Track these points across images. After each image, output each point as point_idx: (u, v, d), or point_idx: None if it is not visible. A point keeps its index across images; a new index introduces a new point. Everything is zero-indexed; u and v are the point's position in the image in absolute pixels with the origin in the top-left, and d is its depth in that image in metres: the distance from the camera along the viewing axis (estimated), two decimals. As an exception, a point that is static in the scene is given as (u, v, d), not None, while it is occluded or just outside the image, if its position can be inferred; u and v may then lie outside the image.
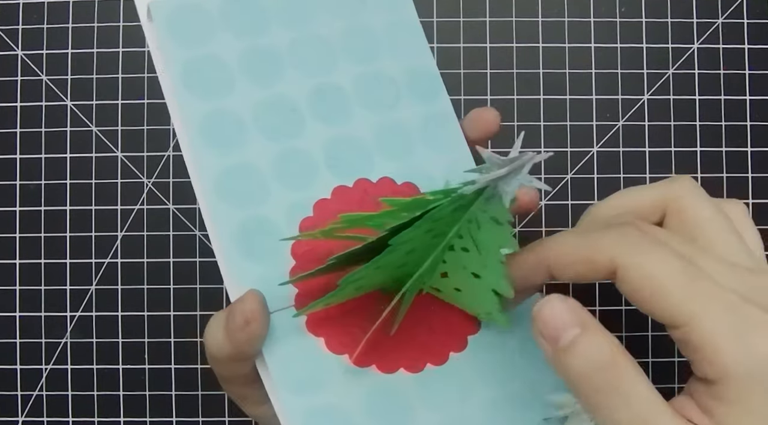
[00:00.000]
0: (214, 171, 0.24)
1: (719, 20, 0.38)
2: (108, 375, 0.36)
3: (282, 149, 0.25)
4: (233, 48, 0.26)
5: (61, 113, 0.37)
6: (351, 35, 0.27)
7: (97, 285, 0.37)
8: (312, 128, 0.26)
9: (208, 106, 0.25)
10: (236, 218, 0.24)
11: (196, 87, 0.25)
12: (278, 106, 0.26)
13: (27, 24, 0.37)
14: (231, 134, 0.25)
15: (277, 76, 0.26)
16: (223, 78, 0.25)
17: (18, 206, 0.37)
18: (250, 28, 0.26)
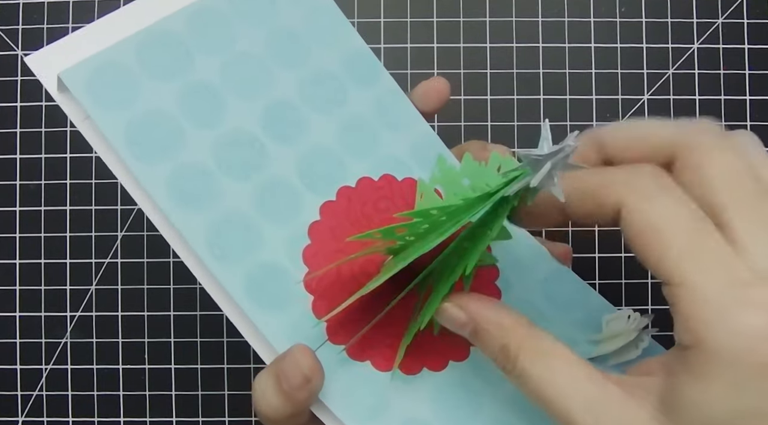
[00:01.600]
0: (200, 232, 0.23)
1: (719, 20, 0.38)
2: (108, 375, 0.36)
3: (256, 185, 0.24)
4: (167, 95, 0.23)
5: (61, 112, 0.37)
6: (275, 42, 0.26)
7: (97, 285, 0.37)
8: (276, 153, 0.24)
9: (168, 166, 0.23)
10: (240, 274, 0.23)
11: (146, 151, 0.23)
12: (237, 141, 0.24)
13: (27, 24, 0.37)
14: (200, 188, 0.23)
15: (223, 109, 0.24)
16: (170, 131, 0.23)
17: (18, 206, 0.37)
18: (175, 69, 0.24)
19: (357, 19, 0.37)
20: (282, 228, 0.24)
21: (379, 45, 0.37)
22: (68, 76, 0.22)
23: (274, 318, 0.23)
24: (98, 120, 0.22)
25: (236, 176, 0.24)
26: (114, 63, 0.23)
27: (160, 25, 0.24)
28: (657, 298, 0.37)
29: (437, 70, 0.37)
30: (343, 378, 0.23)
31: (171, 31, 0.24)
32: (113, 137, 0.22)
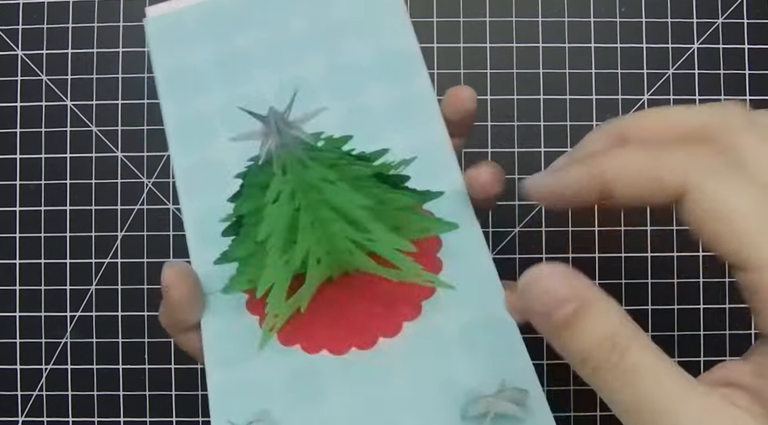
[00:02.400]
0: (184, 169, 0.27)
1: (719, 20, 0.38)
2: (108, 375, 0.36)
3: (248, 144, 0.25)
4: (207, 54, 0.28)
5: (61, 113, 0.37)
6: (320, 26, 0.28)
7: (97, 285, 0.37)
8: None
9: (184, 110, 0.27)
10: (197, 208, 0.26)
11: (174, 92, 0.27)
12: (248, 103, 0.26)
13: (27, 24, 0.37)
14: (202, 134, 0.27)
15: (248, 75, 0.27)
16: (198, 84, 0.27)
17: (18, 206, 0.37)
18: (225, 34, 0.28)
19: (357, 19, 0.37)
20: None
21: (379, 45, 0.37)
22: (147, 22, 0.28)
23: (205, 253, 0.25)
24: (151, 59, 0.28)
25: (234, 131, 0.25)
26: (179, 22, 0.28)
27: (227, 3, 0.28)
28: (657, 298, 0.37)
29: (437, 70, 0.37)
30: (226, 322, 0.24)
31: (236, 2, 0.28)
32: (156, 74, 0.28)
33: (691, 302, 0.36)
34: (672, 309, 0.37)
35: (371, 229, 0.22)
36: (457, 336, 0.24)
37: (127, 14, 0.37)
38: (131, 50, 0.37)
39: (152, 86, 0.37)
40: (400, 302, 0.25)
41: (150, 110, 0.37)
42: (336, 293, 0.25)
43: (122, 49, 0.37)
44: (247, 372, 0.24)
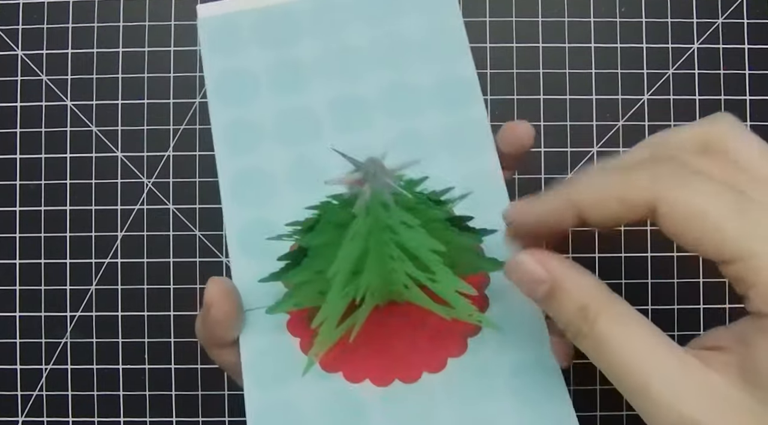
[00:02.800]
0: (231, 174, 0.26)
1: (719, 20, 0.38)
2: (108, 375, 0.36)
3: (297, 155, 0.26)
4: (262, 60, 0.28)
5: (61, 113, 0.37)
6: (382, 44, 0.28)
7: (97, 285, 0.37)
8: (329, 137, 0.26)
9: (233, 113, 0.27)
10: (242, 219, 0.26)
11: (225, 95, 0.27)
12: (299, 114, 0.27)
13: (27, 24, 0.37)
14: (250, 140, 0.26)
15: (302, 85, 0.27)
16: (248, 88, 0.27)
17: (18, 206, 0.37)
18: (280, 41, 0.28)
19: (357, 19, 0.37)
20: (299, 199, 0.25)
21: (379, 45, 0.37)
22: (201, 22, 0.28)
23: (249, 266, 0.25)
24: (203, 59, 0.28)
25: (283, 142, 0.27)
26: (234, 24, 0.28)
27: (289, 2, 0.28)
28: (657, 298, 0.37)
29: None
30: (267, 340, 0.24)
31: (294, 10, 0.28)
32: (207, 75, 0.28)
33: (691, 302, 0.36)
34: (672, 309, 0.37)
35: (436, 271, 0.22)
36: (501, 378, 0.24)
37: (127, 14, 0.37)
38: (131, 50, 0.37)
39: (152, 86, 0.37)
40: (446, 337, 0.24)
41: (150, 110, 0.37)
42: (382, 322, 0.24)
43: (122, 49, 0.37)
44: (288, 394, 0.24)
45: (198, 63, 0.37)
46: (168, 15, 0.37)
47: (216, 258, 0.36)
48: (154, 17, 0.37)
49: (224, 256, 0.36)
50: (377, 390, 0.24)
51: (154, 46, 0.37)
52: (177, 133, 0.37)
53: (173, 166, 0.37)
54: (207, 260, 0.36)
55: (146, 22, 0.37)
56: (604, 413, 0.36)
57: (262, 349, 0.24)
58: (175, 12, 0.37)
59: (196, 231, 0.37)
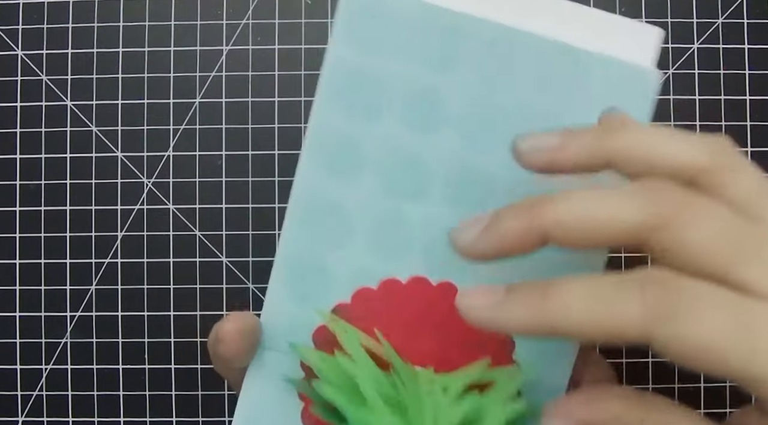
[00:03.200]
0: (309, 192, 0.23)
1: (719, 20, 0.38)
2: (108, 375, 0.36)
3: (389, 206, 0.23)
4: (402, 76, 0.22)
5: (61, 113, 0.37)
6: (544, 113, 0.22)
7: (97, 285, 0.37)
8: (434, 203, 0.23)
9: (342, 125, 0.23)
10: (300, 251, 0.23)
11: (342, 100, 0.23)
12: (411, 161, 0.23)
13: (27, 24, 0.37)
14: (346, 165, 0.23)
15: (428, 129, 0.23)
16: (372, 103, 0.23)
17: (18, 206, 0.37)
18: (433, 59, 0.22)
19: (357, 19, 0.37)
20: (368, 255, 0.23)
21: (379, 45, 0.37)
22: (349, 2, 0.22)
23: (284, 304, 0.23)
24: (334, 45, 0.23)
25: (384, 184, 0.23)
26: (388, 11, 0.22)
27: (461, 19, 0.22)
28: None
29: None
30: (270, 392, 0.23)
31: (463, 26, 0.22)
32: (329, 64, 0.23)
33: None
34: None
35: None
36: None
37: (127, 14, 0.37)
38: (131, 50, 0.37)
39: (152, 86, 0.37)
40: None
41: (150, 110, 0.37)
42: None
43: (122, 49, 0.37)
44: None
45: (198, 62, 0.37)
46: (168, 15, 0.37)
47: (216, 258, 0.36)
48: (154, 17, 0.37)
49: (224, 256, 0.36)
50: None
51: (154, 46, 0.37)
52: (177, 133, 0.37)
53: (173, 166, 0.37)
54: (207, 260, 0.36)
55: (146, 22, 0.37)
56: None
57: (264, 399, 0.23)
58: (175, 12, 0.37)
59: (196, 231, 0.37)
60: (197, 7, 0.37)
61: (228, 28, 0.37)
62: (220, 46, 0.37)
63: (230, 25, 0.37)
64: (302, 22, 0.37)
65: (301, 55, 0.37)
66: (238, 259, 0.36)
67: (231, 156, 0.37)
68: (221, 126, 0.37)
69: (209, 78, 0.37)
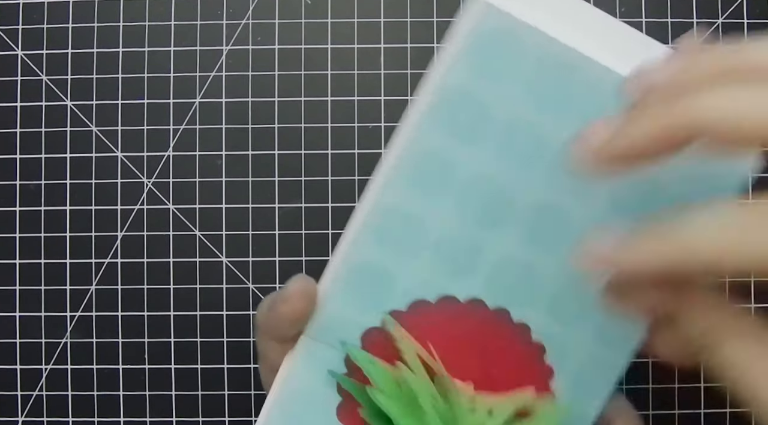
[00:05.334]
0: (390, 203, 0.23)
1: (719, 20, 0.38)
2: (108, 375, 0.36)
3: (464, 229, 0.23)
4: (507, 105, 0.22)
5: (61, 113, 0.37)
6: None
7: (97, 285, 0.37)
8: (510, 234, 0.23)
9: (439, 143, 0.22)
10: (370, 255, 0.23)
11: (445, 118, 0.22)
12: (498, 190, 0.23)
13: (27, 24, 0.37)
14: (433, 182, 0.23)
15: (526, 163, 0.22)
16: (473, 122, 0.22)
17: (18, 206, 0.37)
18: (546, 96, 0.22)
19: (357, 19, 0.37)
20: (430, 272, 0.23)
21: (379, 45, 0.37)
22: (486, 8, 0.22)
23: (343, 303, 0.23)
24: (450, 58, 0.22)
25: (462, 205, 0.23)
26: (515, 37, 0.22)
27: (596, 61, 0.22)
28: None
29: (437, 70, 0.37)
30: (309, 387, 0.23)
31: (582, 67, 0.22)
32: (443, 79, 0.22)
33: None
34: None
35: None
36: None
37: (127, 14, 0.37)
38: (131, 50, 0.37)
39: (152, 86, 0.37)
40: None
41: (150, 110, 0.37)
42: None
43: (122, 49, 0.37)
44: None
45: (198, 62, 0.37)
46: (168, 15, 0.37)
47: (216, 258, 0.36)
48: (154, 17, 0.37)
49: (224, 256, 0.36)
50: None
51: (154, 46, 0.37)
52: (177, 133, 0.37)
53: (173, 166, 0.37)
54: (207, 260, 0.36)
55: (146, 22, 0.37)
56: (604, 413, 0.36)
57: (303, 387, 0.23)
58: (175, 12, 0.37)
59: (196, 231, 0.37)
60: (197, 7, 0.37)
61: (228, 28, 0.37)
62: (220, 46, 0.37)
63: (230, 25, 0.37)
64: (302, 22, 0.37)
65: (301, 55, 0.37)
66: (238, 259, 0.36)
67: (231, 156, 0.37)
68: (221, 126, 0.37)
69: (209, 78, 0.37)
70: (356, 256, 0.23)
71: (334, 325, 0.23)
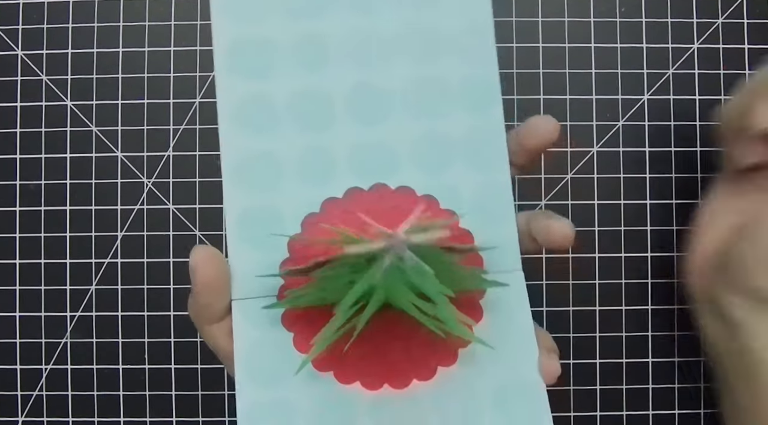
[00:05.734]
0: (236, 155, 0.25)
1: (719, 20, 0.38)
2: (108, 375, 0.36)
3: (307, 142, 0.25)
4: (284, 31, 0.25)
5: (61, 113, 0.37)
6: (412, 33, 0.26)
7: (97, 285, 0.37)
8: (345, 125, 0.26)
9: (245, 88, 0.25)
10: (244, 203, 0.25)
11: (237, 67, 0.25)
12: (316, 97, 0.25)
13: (27, 24, 0.37)
14: (261, 120, 0.25)
15: (323, 66, 0.26)
16: (265, 61, 0.25)
17: (18, 206, 0.37)
18: (306, 11, 0.26)
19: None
20: (304, 188, 0.25)
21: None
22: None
23: (248, 254, 0.25)
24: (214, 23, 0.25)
25: (296, 125, 0.25)
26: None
27: None
28: (657, 299, 0.37)
29: (437, 70, 0.37)
30: (260, 334, 0.24)
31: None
32: (218, 42, 0.25)
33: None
34: (672, 309, 0.37)
35: (439, 303, 0.22)
36: (488, 393, 0.24)
37: (127, 14, 0.37)
38: (131, 50, 0.37)
39: (152, 86, 0.37)
40: (438, 347, 0.24)
41: (150, 110, 0.37)
42: (375, 329, 0.24)
43: (122, 49, 0.37)
44: (279, 391, 0.24)
45: (198, 62, 0.37)
46: (168, 15, 0.37)
47: (216, 258, 0.36)
48: (154, 17, 0.37)
49: (224, 256, 0.36)
50: (367, 394, 0.24)
51: (154, 46, 0.37)
52: (177, 133, 0.37)
53: (173, 166, 0.37)
54: (207, 260, 0.36)
55: (146, 22, 0.37)
56: (604, 413, 0.36)
57: (255, 342, 0.24)
58: (175, 12, 0.37)
59: (196, 231, 0.37)
60: (197, 7, 0.37)
61: (228, 28, 0.37)
62: (220, 46, 0.37)
63: (230, 25, 0.37)
64: (302, 22, 0.37)
65: (301, 55, 0.37)
66: (238, 259, 0.36)
67: (231, 156, 0.37)
68: (221, 126, 0.37)
69: (209, 78, 0.37)
70: (234, 207, 0.25)
71: (250, 278, 0.24)
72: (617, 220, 0.37)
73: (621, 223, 0.37)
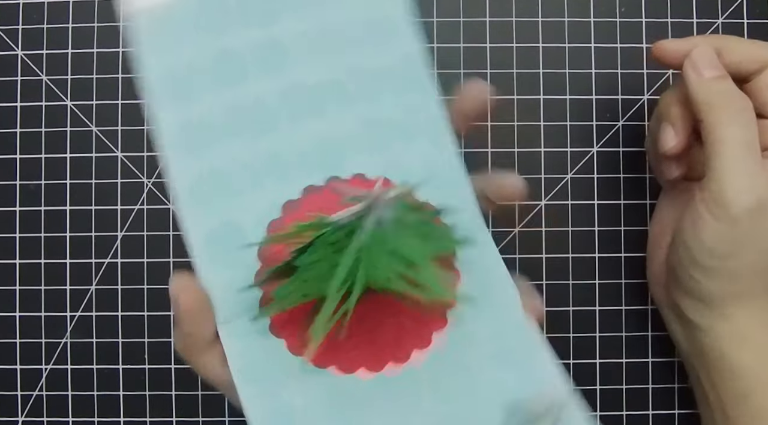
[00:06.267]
0: (187, 180, 0.25)
1: (719, 20, 0.38)
2: (108, 375, 0.36)
3: (253, 150, 0.25)
4: (199, 51, 0.26)
5: (61, 113, 0.37)
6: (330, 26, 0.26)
7: (97, 285, 0.37)
8: (285, 127, 0.26)
9: (180, 113, 0.25)
10: (206, 226, 0.25)
11: (167, 95, 0.25)
12: (249, 107, 0.26)
13: (27, 24, 0.37)
14: (202, 141, 0.25)
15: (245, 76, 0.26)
16: (194, 83, 0.25)
17: (18, 206, 0.37)
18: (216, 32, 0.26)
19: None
20: (260, 196, 0.25)
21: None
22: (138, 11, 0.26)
23: (220, 273, 0.24)
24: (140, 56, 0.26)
25: (237, 137, 0.25)
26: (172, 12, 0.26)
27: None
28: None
29: (437, 70, 0.37)
30: (252, 346, 0.24)
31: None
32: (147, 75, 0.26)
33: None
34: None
35: (423, 267, 0.23)
36: (484, 342, 0.25)
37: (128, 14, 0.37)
38: (131, 50, 0.37)
39: (152, 86, 0.37)
40: (427, 314, 0.25)
41: (150, 110, 0.37)
42: (363, 312, 0.24)
43: (122, 49, 0.37)
44: (286, 395, 0.24)
45: (198, 63, 0.37)
46: (168, 15, 0.37)
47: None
48: (154, 17, 0.37)
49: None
50: (372, 376, 0.24)
51: (154, 46, 0.37)
52: (177, 133, 0.37)
53: (173, 166, 0.37)
54: (207, 260, 0.36)
55: (146, 22, 0.37)
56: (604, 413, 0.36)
57: (250, 358, 0.24)
58: (175, 12, 0.37)
59: (196, 231, 0.37)
60: (197, 7, 0.37)
61: (228, 28, 0.37)
62: (220, 46, 0.37)
63: (230, 25, 0.37)
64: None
65: (301, 55, 0.37)
66: (238, 259, 0.36)
67: (231, 156, 0.37)
68: (221, 126, 0.37)
69: (209, 78, 0.37)
70: (197, 231, 0.25)
71: (229, 299, 0.24)
72: (617, 220, 0.37)
73: (621, 223, 0.37)
